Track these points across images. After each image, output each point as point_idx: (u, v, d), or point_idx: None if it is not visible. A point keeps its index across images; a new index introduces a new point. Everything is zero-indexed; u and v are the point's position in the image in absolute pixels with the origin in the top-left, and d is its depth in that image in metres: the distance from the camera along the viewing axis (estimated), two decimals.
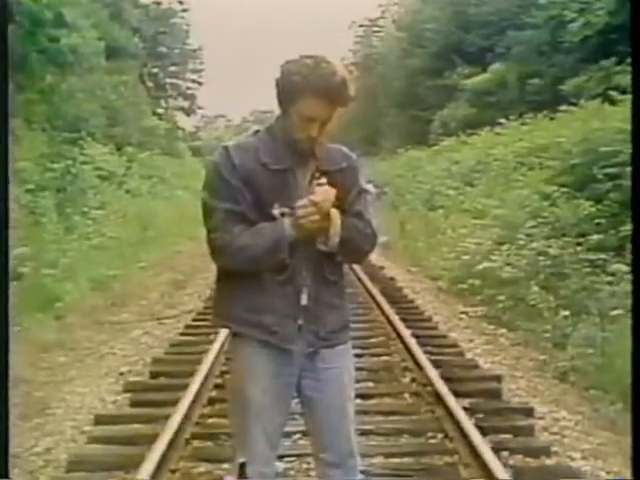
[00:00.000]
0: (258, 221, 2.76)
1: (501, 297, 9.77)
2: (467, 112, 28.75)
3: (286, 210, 2.75)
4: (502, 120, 21.48)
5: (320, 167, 2.85)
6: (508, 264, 10.24)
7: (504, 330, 9.03)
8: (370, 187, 3.08)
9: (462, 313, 10.23)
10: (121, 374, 7.25)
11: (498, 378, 6.80)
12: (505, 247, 10.87)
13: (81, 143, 17.65)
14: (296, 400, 2.99)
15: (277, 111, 2.89)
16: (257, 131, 2.94)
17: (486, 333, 9.01)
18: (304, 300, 2.83)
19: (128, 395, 6.44)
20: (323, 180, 2.73)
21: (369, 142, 41.17)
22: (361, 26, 52.75)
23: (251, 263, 2.76)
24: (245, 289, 2.83)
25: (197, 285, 12.90)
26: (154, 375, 7.07)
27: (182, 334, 8.95)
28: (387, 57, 43.04)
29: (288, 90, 2.74)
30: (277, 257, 2.74)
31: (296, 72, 2.71)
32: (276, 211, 2.76)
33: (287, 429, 3.32)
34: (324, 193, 2.69)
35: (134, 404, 6.22)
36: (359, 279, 11.95)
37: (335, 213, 2.76)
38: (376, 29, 51.49)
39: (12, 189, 2.95)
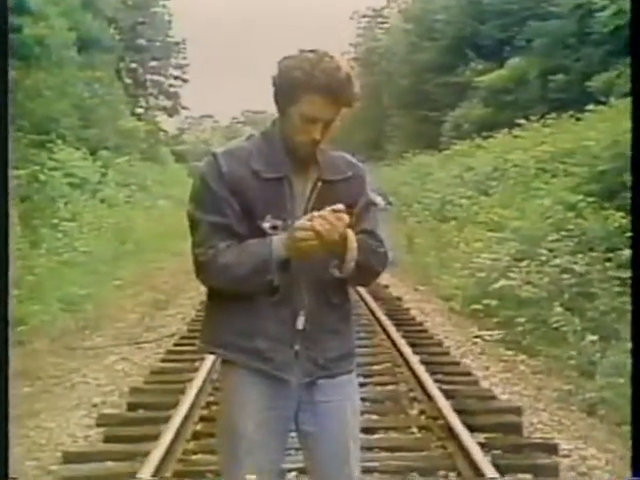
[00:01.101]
0: (248, 235, 2.74)
1: (520, 319, 9.75)
2: (482, 112, 28.84)
3: (278, 223, 2.72)
4: (521, 121, 21.54)
5: (322, 177, 2.82)
6: (528, 282, 10.24)
7: (524, 356, 9.01)
8: (379, 199, 3.06)
9: (477, 337, 10.21)
10: (94, 406, 7.22)
11: (518, 410, 6.78)
12: (525, 263, 10.87)
13: (50, 146, 17.66)
14: (294, 433, 2.96)
15: (271, 111, 2.89)
16: (251, 136, 2.93)
17: (504, 360, 8.99)
18: (300, 324, 2.80)
19: (102, 429, 6.41)
20: (340, 206, 2.62)
21: (372, 146, 41.30)
22: (364, 17, 53.11)
23: (235, 283, 2.73)
24: (236, 311, 2.81)
25: (180, 306, 12.89)
26: (132, 407, 7.04)
27: (164, 360, 8.93)
28: (393, 51, 43.21)
29: (288, 88, 2.72)
30: (263, 278, 2.69)
31: (297, 67, 2.69)
32: (267, 224, 2.73)
33: (283, 465, 3.30)
34: (334, 222, 2.60)
35: (108, 439, 6.18)
36: (362, 299, 11.94)
37: (352, 236, 2.72)
38: (380, 20, 51.81)
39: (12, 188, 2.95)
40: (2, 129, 2.95)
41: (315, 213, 2.62)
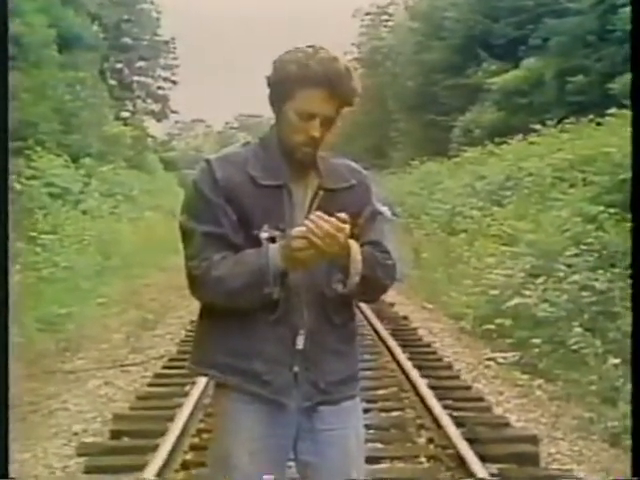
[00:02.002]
0: (244, 246, 2.74)
1: (536, 340, 9.74)
2: (494, 117, 28.87)
3: (276, 233, 2.72)
4: (537, 126, 21.54)
5: (323, 185, 2.83)
6: (545, 301, 10.23)
7: (541, 381, 8.99)
8: (385, 209, 3.06)
9: (489, 359, 10.20)
10: (74, 434, 7.20)
11: (534, 439, 6.76)
12: (541, 280, 10.86)
13: (28, 153, 17.68)
14: (292, 463, 2.95)
15: (268, 115, 2.90)
16: (247, 142, 2.94)
17: (519, 384, 8.97)
18: (300, 343, 2.80)
19: (82, 459, 6.39)
20: (343, 215, 2.61)
21: (376, 153, 41.32)
22: (367, 14, 53.17)
23: (231, 298, 2.73)
24: (230, 329, 2.80)
25: (169, 325, 12.88)
26: (116, 434, 7.02)
27: (151, 384, 8.91)
28: (398, 51, 43.33)
29: (282, 83, 2.74)
30: (260, 292, 2.69)
31: (291, 61, 2.72)
32: (264, 234, 2.73)
33: None
34: (331, 231, 2.58)
35: (89, 470, 6.17)
36: (365, 317, 11.93)
37: (355, 248, 2.74)
38: (385, 18, 51.94)
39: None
40: (2, 133, 2.96)
41: (312, 216, 2.62)
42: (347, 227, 2.60)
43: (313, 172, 2.84)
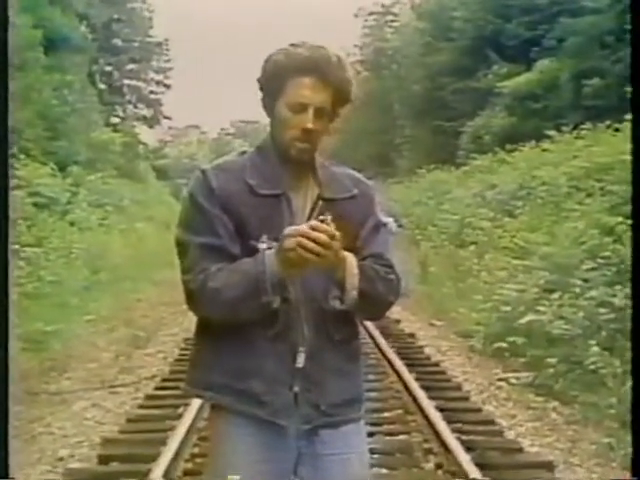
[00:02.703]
0: (242, 257, 2.75)
1: (551, 360, 9.72)
2: (506, 122, 28.89)
3: (275, 244, 2.72)
4: (551, 132, 21.60)
5: (323, 195, 2.84)
6: (560, 317, 10.22)
7: (556, 403, 8.98)
8: (390, 221, 3.06)
9: (501, 380, 10.20)
10: (60, 459, 7.19)
11: (549, 465, 6.75)
12: (556, 295, 10.85)
13: (11, 161, 17.68)
14: None
15: (265, 122, 2.93)
16: (244, 152, 2.96)
17: (533, 407, 8.97)
18: (300, 361, 2.80)
19: None
20: (328, 217, 2.62)
21: (381, 161, 41.39)
22: (371, 14, 53.28)
23: (229, 309, 2.72)
24: (227, 347, 2.81)
25: (162, 343, 12.88)
26: (104, 460, 7.01)
27: (142, 406, 8.92)
28: (404, 53, 43.40)
29: (272, 78, 2.80)
30: (259, 301, 2.69)
31: (279, 52, 2.80)
32: (263, 245, 2.74)
33: None
34: (324, 230, 2.60)
35: None
36: (370, 335, 11.94)
37: (352, 261, 2.75)
38: (390, 18, 51.99)
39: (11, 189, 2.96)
40: (2, 140, 2.97)
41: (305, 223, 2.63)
42: (333, 230, 2.59)
43: (313, 180, 2.85)
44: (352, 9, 63.83)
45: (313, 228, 2.58)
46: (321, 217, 2.63)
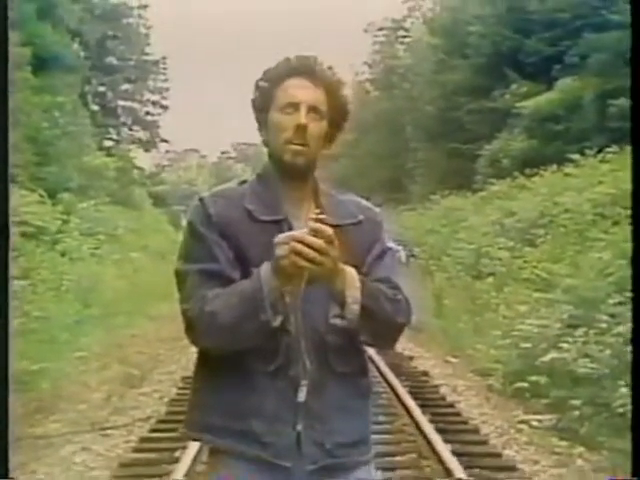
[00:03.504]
0: None
1: (576, 401, 9.69)
2: (525, 145, 28.91)
3: None
4: (574, 156, 21.60)
5: (327, 221, 2.80)
6: (585, 355, 10.19)
7: (582, 449, 8.94)
8: (400, 249, 3.07)
9: (522, 422, 10.17)
10: None
11: None
12: (581, 332, 10.82)
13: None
14: None
15: None
16: (244, 181, 3.00)
17: (557, 452, 8.94)
18: (302, 396, 2.80)
19: None
20: (322, 216, 2.65)
21: (392, 186, 41.49)
22: (381, 29, 53.54)
23: (227, 333, 2.72)
24: (226, 386, 2.82)
25: (158, 382, 12.87)
26: None
27: (136, 450, 8.91)
28: (416, 71, 43.52)
29: (262, 90, 2.90)
30: (258, 320, 2.69)
31: (271, 67, 2.92)
32: None
33: None
34: (315, 242, 2.59)
35: None
36: (380, 372, 11.95)
37: (351, 273, 2.75)
38: (401, 33, 52.20)
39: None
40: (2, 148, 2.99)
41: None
42: (331, 232, 2.60)
43: (315, 206, 2.85)
44: (361, 24, 63.92)
45: (309, 232, 2.59)
46: (314, 215, 2.63)
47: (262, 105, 2.89)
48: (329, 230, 2.59)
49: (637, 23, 3.13)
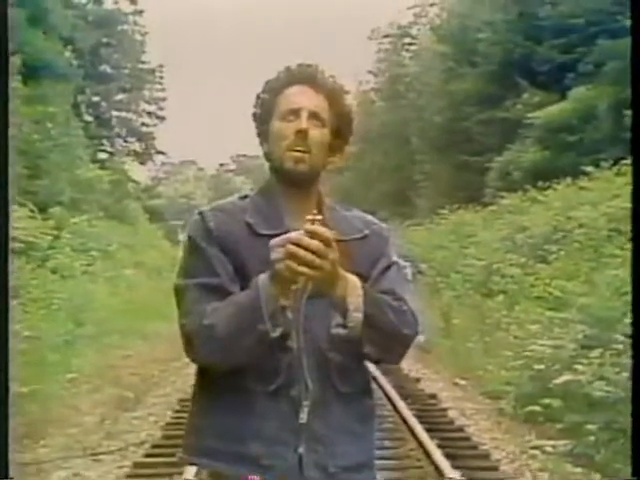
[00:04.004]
0: None
1: (592, 426, 9.64)
2: (537, 157, 28.92)
3: None
4: (588, 168, 21.60)
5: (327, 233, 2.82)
6: (601, 378, 10.15)
7: (598, 476, 8.90)
8: (406, 265, 3.07)
9: (535, 448, 10.14)
10: None
11: None
12: (596, 353, 10.79)
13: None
14: None
15: None
16: (246, 196, 3.02)
17: (571, 479, 8.87)
18: (304, 417, 2.80)
19: None
20: (319, 217, 2.64)
21: (399, 200, 41.51)
22: (386, 36, 53.57)
23: (225, 347, 2.73)
24: (224, 408, 2.82)
25: (153, 405, 12.87)
26: None
27: (129, 476, 8.89)
28: (423, 80, 43.55)
29: (263, 101, 2.94)
30: (257, 331, 2.69)
31: (272, 78, 2.97)
32: None
33: None
34: (312, 244, 2.58)
35: None
36: (385, 394, 11.93)
37: (353, 280, 2.74)
38: (407, 41, 52.26)
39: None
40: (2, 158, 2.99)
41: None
42: (328, 233, 2.60)
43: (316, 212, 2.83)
44: (365, 31, 64.02)
45: (305, 234, 2.58)
46: (310, 216, 2.62)
47: (263, 116, 2.92)
48: (327, 231, 2.58)
49: (637, 33, 3.11)
